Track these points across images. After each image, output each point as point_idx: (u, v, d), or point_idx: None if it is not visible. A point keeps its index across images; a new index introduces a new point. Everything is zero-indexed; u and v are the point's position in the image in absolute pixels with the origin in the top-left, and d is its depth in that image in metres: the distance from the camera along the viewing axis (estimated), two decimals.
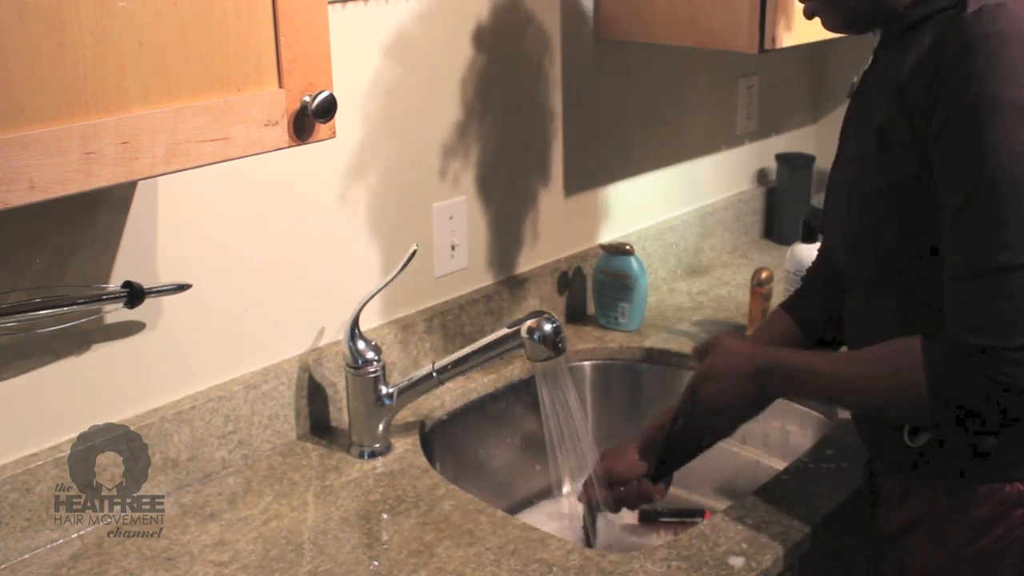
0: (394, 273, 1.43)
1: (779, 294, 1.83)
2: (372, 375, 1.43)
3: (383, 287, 1.43)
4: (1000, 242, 0.97)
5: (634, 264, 1.81)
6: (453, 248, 1.66)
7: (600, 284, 1.83)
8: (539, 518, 1.65)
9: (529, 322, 1.36)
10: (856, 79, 1.20)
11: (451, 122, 1.61)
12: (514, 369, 1.68)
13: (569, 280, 1.86)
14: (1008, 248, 0.97)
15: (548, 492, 1.68)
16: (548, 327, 1.36)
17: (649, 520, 1.62)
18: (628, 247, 1.81)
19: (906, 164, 1.06)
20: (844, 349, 1.29)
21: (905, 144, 1.05)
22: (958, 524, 1.11)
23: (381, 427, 1.45)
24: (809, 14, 1.20)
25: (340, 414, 1.52)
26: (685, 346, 1.78)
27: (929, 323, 1.05)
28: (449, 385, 1.52)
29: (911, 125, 1.04)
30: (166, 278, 1.31)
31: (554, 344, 1.36)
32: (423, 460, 1.43)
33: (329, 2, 1.11)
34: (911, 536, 1.16)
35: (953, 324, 1.02)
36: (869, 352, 1.13)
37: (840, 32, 1.19)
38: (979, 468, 1.09)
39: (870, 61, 1.17)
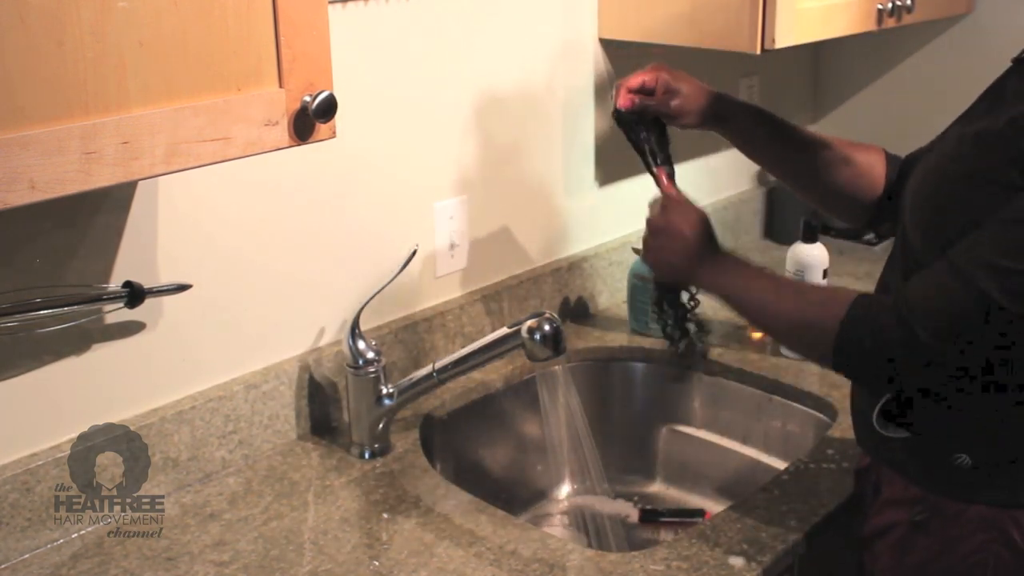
0: (394, 273, 1.43)
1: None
2: (372, 375, 1.43)
3: (383, 287, 1.43)
4: (992, 263, 0.97)
5: None
6: (453, 248, 1.66)
7: (633, 288, 1.81)
8: (539, 518, 1.65)
9: (529, 322, 1.36)
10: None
11: (451, 122, 1.61)
12: (514, 369, 1.68)
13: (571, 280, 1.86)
14: (993, 272, 0.97)
15: (548, 492, 1.68)
16: (548, 327, 1.36)
17: (649, 520, 1.62)
18: None
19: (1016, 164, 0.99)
20: None
21: None
22: (920, 540, 1.11)
23: (381, 427, 1.45)
24: None
25: (340, 414, 1.52)
26: None
27: None
28: (449, 385, 1.52)
29: None
30: (166, 278, 1.31)
31: (554, 344, 1.36)
32: (423, 460, 1.43)
33: (329, 2, 1.11)
34: (877, 544, 1.16)
35: (905, 290, 1.04)
36: (807, 283, 1.15)
37: None
38: (947, 484, 1.09)
39: None
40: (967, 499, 1.08)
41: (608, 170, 1.92)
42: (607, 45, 1.82)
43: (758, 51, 1.58)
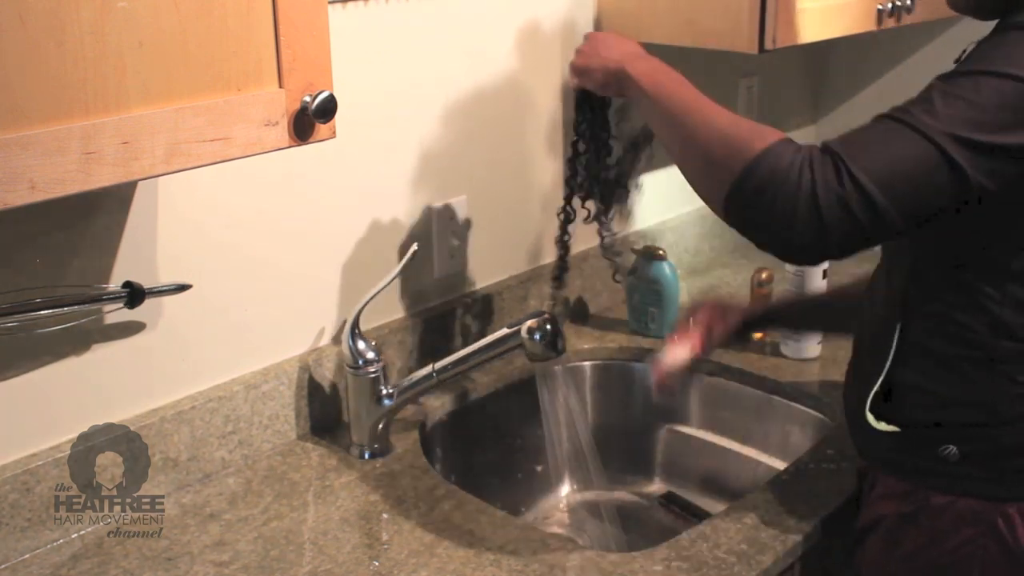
0: (394, 273, 1.43)
1: (779, 294, 1.83)
2: (372, 375, 1.43)
3: (383, 287, 1.43)
4: (922, 105, 0.98)
5: (666, 269, 1.78)
6: (453, 248, 1.66)
7: (632, 288, 1.82)
8: (539, 518, 1.65)
9: (529, 322, 1.36)
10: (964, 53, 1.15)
11: (451, 122, 1.61)
12: (514, 369, 1.68)
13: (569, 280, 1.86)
14: (925, 111, 0.97)
15: (548, 492, 1.68)
16: (548, 327, 1.36)
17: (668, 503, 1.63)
18: (661, 251, 1.79)
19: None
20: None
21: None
22: (909, 532, 1.12)
23: (381, 427, 1.45)
24: None
25: (340, 414, 1.52)
26: None
27: (939, 280, 1.05)
28: (449, 385, 1.52)
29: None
30: (166, 278, 1.31)
31: (554, 344, 1.36)
32: (423, 460, 1.43)
33: (329, 2, 1.11)
34: (868, 538, 1.17)
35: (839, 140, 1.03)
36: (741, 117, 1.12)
37: (965, 14, 1.13)
38: (936, 477, 1.10)
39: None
40: (955, 492, 1.09)
41: None
42: None
43: (758, 51, 1.58)
